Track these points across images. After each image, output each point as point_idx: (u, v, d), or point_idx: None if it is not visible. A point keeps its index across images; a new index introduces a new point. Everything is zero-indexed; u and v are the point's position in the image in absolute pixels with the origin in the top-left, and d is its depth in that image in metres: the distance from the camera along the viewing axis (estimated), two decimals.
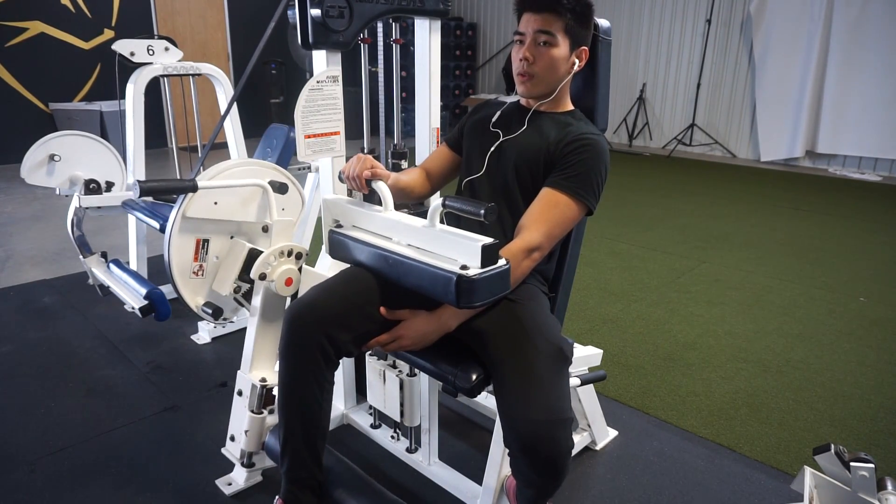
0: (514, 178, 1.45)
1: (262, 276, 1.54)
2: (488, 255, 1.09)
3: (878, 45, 5.95)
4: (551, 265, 1.54)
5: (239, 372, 1.68)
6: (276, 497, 1.43)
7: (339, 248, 1.39)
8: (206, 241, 1.59)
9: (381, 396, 1.76)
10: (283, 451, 1.39)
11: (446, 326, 1.32)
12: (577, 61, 1.45)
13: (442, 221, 1.28)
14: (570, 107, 1.54)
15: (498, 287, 1.13)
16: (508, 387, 1.22)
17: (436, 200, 1.18)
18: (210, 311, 1.61)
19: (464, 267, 1.10)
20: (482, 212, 1.10)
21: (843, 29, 6.10)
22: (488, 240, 1.10)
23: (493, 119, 1.53)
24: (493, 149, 1.49)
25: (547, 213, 1.36)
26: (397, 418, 1.73)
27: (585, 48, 1.46)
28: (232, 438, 1.70)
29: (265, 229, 1.63)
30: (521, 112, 1.52)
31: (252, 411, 1.61)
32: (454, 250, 1.14)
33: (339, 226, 1.42)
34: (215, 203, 1.57)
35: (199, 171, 1.80)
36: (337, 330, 1.30)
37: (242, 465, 1.68)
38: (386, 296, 1.34)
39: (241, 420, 1.64)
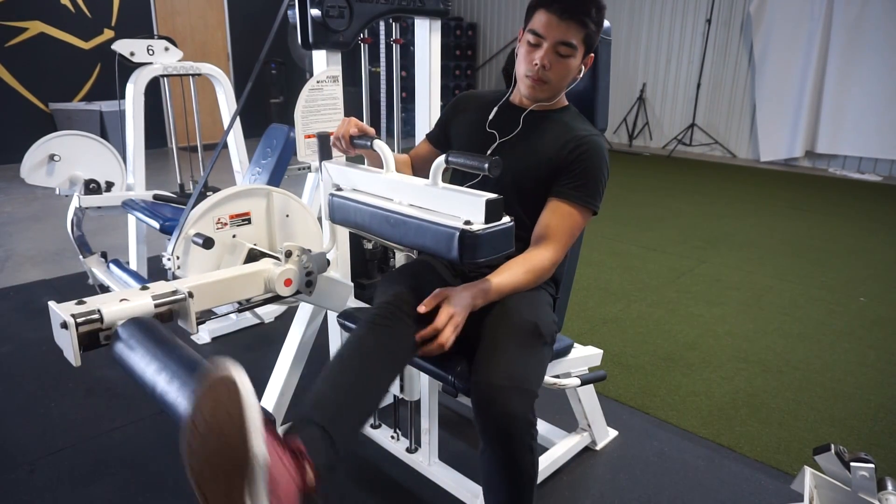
0: (512, 182, 1.44)
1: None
2: (492, 210, 1.08)
3: (877, 45, 5.96)
4: (561, 267, 1.55)
5: None
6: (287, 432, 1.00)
7: (339, 211, 1.37)
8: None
9: None
10: (328, 388, 1.12)
11: (475, 304, 1.28)
12: (583, 68, 1.43)
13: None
14: (564, 103, 1.52)
15: (501, 244, 1.12)
16: (478, 356, 1.24)
17: (438, 158, 1.17)
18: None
19: (467, 222, 1.09)
20: (486, 165, 1.09)
21: (843, 29, 6.10)
22: (492, 195, 1.08)
23: (490, 119, 1.51)
24: (489, 153, 1.48)
25: (563, 225, 1.40)
26: (397, 392, 1.72)
27: (592, 55, 1.44)
28: None
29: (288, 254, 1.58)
30: (513, 111, 1.50)
31: None
32: (457, 207, 1.13)
33: (340, 189, 1.41)
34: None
35: (206, 180, 1.79)
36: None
37: None
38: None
39: None
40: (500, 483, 1.27)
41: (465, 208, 1.11)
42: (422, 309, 1.25)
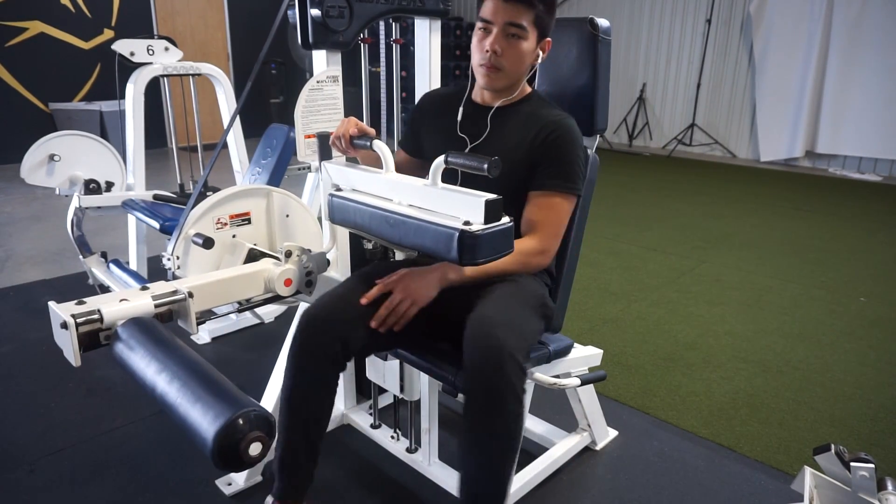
0: (500, 187, 1.43)
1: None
2: (492, 210, 1.08)
3: (877, 45, 5.96)
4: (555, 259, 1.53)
5: None
6: (269, 497, 1.41)
7: (339, 211, 1.37)
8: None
9: (380, 371, 1.74)
10: (282, 451, 1.37)
11: (446, 278, 1.33)
12: (540, 53, 1.41)
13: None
14: (527, 91, 1.49)
15: (501, 244, 1.12)
16: (476, 307, 1.25)
17: (438, 158, 1.17)
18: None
19: (466, 223, 1.09)
20: (485, 166, 1.09)
21: (843, 29, 6.11)
22: (492, 196, 1.08)
23: (458, 122, 1.49)
24: None
25: (547, 215, 1.39)
26: (397, 392, 1.72)
27: (549, 39, 1.42)
28: None
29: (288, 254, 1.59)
30: (479, 112, 1.48)
31: None
32: (457, 208, 1.13)
33: (339, 189, 1.41)
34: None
35: (206, 180, 1.79)
36: (351, 335, 1.32)
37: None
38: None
39: None
40: (479, 434, 1.19)
41: (464, 208, 1.11)
42: (374, 293, 1.33)
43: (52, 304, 1.10)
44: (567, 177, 1.38)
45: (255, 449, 0.83)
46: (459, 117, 1.49)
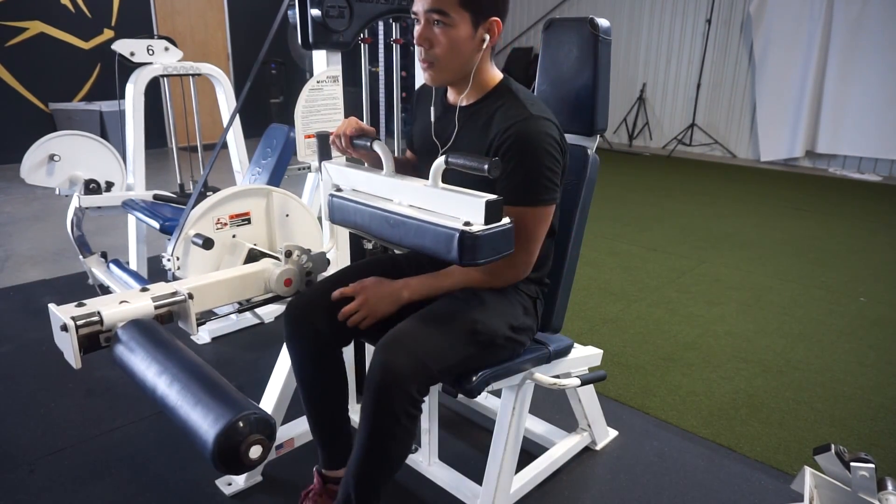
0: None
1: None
2: (492, 211, 1.07)
3: (878, 45, 5.96)
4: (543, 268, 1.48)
5: None
6: (315, 467, 1.56)
7: (339, 211, 1.37)
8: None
9: None
10: (310, 427, 1.53)
11: (400, 299, 1.36)
12: (487, 37, 1.28)
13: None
14: (496, 81, 1.37)
15: (502, 245, 1.11)
16: (397, 324, 1.26)
17: (438, 159, 1.16)
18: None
19: (467, 223, 1.09)
20: (486, 167, 1.08)
21: (843, 29, 6.10)
22: (492, 196, 1.08)
23: (432, 125, 1.45)
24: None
25: (516, 231, 1.28)
26: None
27: (496, 19, 1.27)
28: None
29: (288, 254, 1.58)
30: (449, 112, 1.42)
31: None
32: (457, 208, 1.12)
33: (340, 190, 1.41)
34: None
35: (206, 180, 1.79)
36: (318, 318, 1.39)
37: None
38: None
39: None
40: (361, 440, 1.23)
41: (464, 209, 1.11)
42: (336, 294, 1.38)
43: (52, 306, 1.10)
44: (528, 188, 1.27)
45: (255, 452, 0.83)
46: (433, 119, 1.45)
